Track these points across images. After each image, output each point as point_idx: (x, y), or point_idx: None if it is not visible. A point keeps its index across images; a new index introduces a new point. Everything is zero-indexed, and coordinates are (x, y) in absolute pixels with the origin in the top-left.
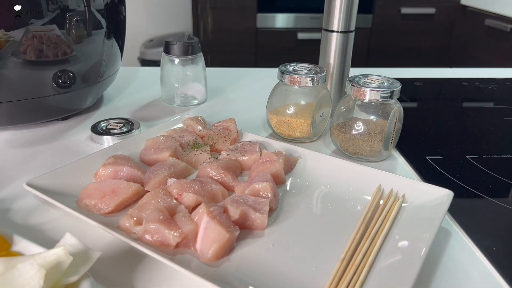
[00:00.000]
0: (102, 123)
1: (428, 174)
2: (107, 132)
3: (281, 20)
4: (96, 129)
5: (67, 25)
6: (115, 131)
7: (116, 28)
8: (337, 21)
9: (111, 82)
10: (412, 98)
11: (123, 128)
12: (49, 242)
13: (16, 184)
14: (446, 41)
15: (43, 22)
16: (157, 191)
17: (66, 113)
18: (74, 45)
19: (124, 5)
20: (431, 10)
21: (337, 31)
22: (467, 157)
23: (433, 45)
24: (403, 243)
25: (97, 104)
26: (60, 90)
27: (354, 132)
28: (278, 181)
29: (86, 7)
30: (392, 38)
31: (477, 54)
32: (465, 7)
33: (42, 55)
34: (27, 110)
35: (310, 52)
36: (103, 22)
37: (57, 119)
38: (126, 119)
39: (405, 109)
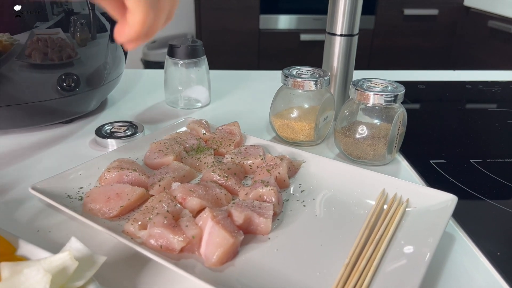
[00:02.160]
0: (106, 126)
1: (432, 178)
2: (111, 135)
3: (284, 22)
4: (100, 132)
5: (72, 29)
6: (119, 134)
7: None
8: (340, 25)
9: (115, 85)
10: (416, 101)
11: (127, 131)
12: (54, 246)
13: (21, 188)
14: (449, 42)
15: (48, 26)
16: (162, 195)
17: (70, 116)
18: (78, 48)
19: None
20: (434, 12)
21: (341, 35)
22: (471, 161)
23: (435, 46)
24: (408, 248)
25: (101, 107)
26: (64, 93)
27: (357, 136)
28: (282, 185)
29: (91, 10)
30: (395, 40)
31: (480, 55)
32: (468, 8)
33: (47, 59)
34: (31, 113)
35: (313, 54)
36: (107, 25)
37: (61, 123)
38: (130, 122)
39: (408, 112)
